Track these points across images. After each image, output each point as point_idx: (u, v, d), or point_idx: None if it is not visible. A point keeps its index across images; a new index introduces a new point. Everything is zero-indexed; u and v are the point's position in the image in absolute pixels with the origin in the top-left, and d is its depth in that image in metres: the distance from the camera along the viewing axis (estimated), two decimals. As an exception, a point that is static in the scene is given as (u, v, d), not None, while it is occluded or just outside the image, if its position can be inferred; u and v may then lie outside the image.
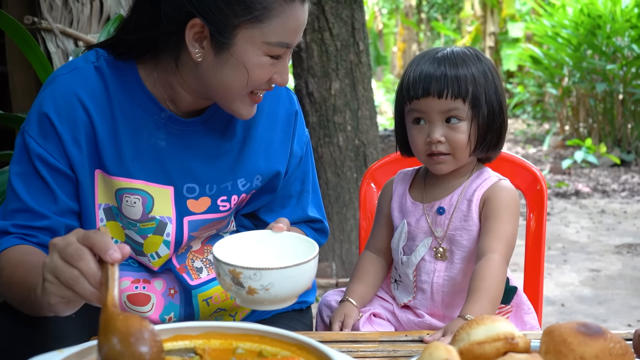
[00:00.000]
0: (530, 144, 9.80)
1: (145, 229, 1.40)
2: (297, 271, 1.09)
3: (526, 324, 1.51)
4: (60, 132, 1.32)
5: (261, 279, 1.07)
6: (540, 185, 1.75)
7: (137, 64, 1.38)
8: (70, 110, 1.33)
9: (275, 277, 1.08)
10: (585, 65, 8.31)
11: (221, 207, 1.44)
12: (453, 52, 1.45)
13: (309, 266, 1.11)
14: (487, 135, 1.45)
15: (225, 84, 1.31)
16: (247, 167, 1.45)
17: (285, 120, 1.50)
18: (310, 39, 3.65)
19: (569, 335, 0.93)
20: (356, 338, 1.28)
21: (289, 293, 1.11)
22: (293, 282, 1.10)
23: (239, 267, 1.07)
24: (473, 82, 1.42)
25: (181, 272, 1.46)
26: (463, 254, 1.46)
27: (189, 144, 1.41)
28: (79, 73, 1.36)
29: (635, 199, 6.44)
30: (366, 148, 3.75)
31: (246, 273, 1.07)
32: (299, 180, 1.57)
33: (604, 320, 3.57)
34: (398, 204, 1.55)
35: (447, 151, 1.43)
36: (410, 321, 1.49)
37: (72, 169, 1.35)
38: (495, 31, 12.79)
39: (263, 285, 1.07)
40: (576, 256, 4.72)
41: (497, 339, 0.96)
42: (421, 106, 1.43)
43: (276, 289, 1.08)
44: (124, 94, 1.37)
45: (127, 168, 1.37)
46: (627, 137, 8.18)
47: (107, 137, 1.36)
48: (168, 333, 1.00)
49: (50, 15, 3.00)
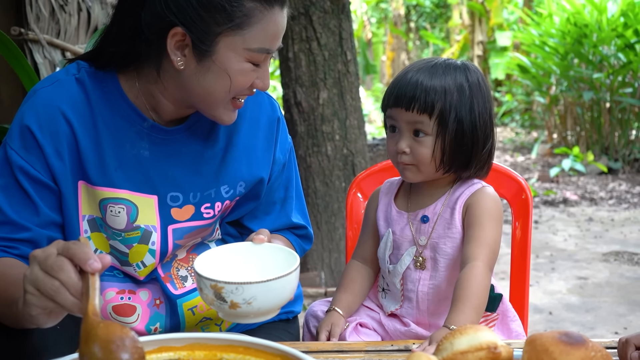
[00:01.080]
0: (518, 152, 9.85)
1: (130, 239, 1.40)
2: (279, 284, 1.10)
3: (512, 331, 1.51)
4: (42, 144, 1.32)
5: (243, 293, 1.08)
6: (526, 195, 1.76)
7: (118, 75, 1.38)
8: (52, 122, 1.33)
9: (257, 291, 1.08)
10: (572, 74, 8.38)
11: (205, 214, 1.45)
12: (436, 64, 1.44)
13: (290, 278, 1.12)
14: (455, 153, 1.42)
15: (207, 91, 1.31)
16: (230, 174, 1.46)
17: (267, 127, 1.51)
18: (298, 49, 3.66)
19: (550, 344, 0.94)
20: (342, 348, 1.29)
21: (271, 306, 1.12)
22: (275, 295, 1.11)
23: (220, 282, 1.08)
24: (443, 97, 1.40)
25: (165, 282, 1.46)
26: (447, 261, 1.47)
27: (172, 152, 1.41)
28: (60, 85, 1.36)
29: (622, 207, 6.48)
30: (354, 157, 3.76)
31: (228, 288, 1.08)
32: (283, 187, 1.57)
33: (592, 327, 3.58)
34: (383, 213, 1.55)
35: (411, 162, 1.44)
36: (396, 330, 1.50)
37: (55, 181, 1.35)
38: (483, 40, 12.87)
39: (245, 299, 1.08)
40: (564, 264, 4.74)
41: (480, 348, 0.97)
42: (393, 114, 1.44)
43: (258, 302, 1.09)
44: (106, 105, 1.37)
45: (110, 178, 1.37)
46: (615, 145, 8.24)
47: (89, 147, 1.36)
48: (152, 345, 1.00)
49: (37, 26, 2.99)
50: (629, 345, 1.11)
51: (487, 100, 1.46)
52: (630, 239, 5.32)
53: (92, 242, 1.41)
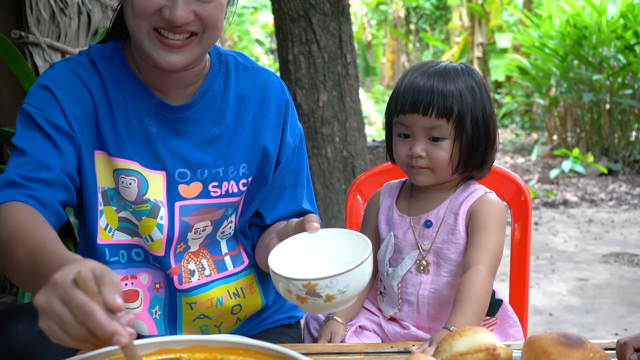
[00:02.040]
0: (518, 153, 9.85)
1: (139, 211, 1.42)
2: (364, 266, 1.12)
3: (510, 336, 1.51)
4: (62, 103, 1.36)
5: (337, 284, 1.10)
6: (525, 196, 1.77)
7: (125, 52, 1.43)
8: (73, 87, 1.38)
9: (350, 279, 1.11)
10: (572, 75, 8.39)
11: (212, 192, 1.46)
12: (445, 68, 1.46)
13: (370, 260, 1.14)
14: (471, 155, 1.45)
15: (129, 25, 1.33)
16: (237, 154, 1.48)
17: (276, 109, 1.52)
18: (297, 51, 3.67)
19: (549, 345, 0.95)
20: (342, 350, 1.29)
21: (360, 288, 1.15)
22: (364, 277, 1.14)
23: (314, 279, 1.10)
24: (459, 100, 1.42)
25: (173, 274, 1.47)
26: (450, 267, 1.47)
27: (179, 130, 1.44)
28: (77, 62, 1.42)
29: (622, 208, 6.48)
30: (354, 159, 3.77)
31: (323, 283, 1.10)
32: (293, 172, 1.58)
33: (592, 329, 3.58)
34: (385, 216, 1.56)
35: (427, 165, 1.45)
36: (396, 333, 1.50)
37: (78, 140, 1.37)
38: (483, 42, 12.88)
39: (340, 290, 1.11)
40: (564, 265, 4.75)
41: (479, 349, 0.97)
42: (406, 121, 1.44)
43: (352, 288, 1.12)
44: (115, 82, 1.41)
45: (124, 149, 1.40)
46: (614, 146, 8.25)
47: (106, 119, 1.40)
48: (153, 347, 1.01)
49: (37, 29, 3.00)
50: (628, 347, 1.11)
51: (491, 100, 1.49)
52: (631, 240, 5.32)
53: (104, 215, 1.43)
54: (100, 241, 1.44)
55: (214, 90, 1.46)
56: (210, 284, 1.50)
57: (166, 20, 1.29)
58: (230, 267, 1.54)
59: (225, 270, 1.53)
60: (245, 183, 1.50)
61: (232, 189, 1.48)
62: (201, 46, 1.34)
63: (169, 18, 1.28)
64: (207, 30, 1.32)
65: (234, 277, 1.54)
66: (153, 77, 1.41)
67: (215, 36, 1.35)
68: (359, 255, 1.14)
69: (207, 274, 1.50)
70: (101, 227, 1.44)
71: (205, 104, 1.45)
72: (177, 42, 1.32)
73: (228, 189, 1.48)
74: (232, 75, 1.49)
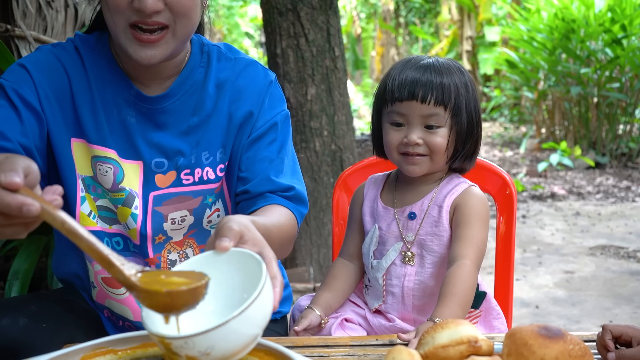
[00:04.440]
0: (507, 147, 9.89)
1: (116, 199, 1.43)
2: (235, 324, 0.89)
3: (495, 328, 1.53)
4: (37, 82, 1.37)
5: (196, 346, 0.89)
6: (510, 190, 1.78)
7: (110, 42, 1.44)
8: (51, 70, 1.39)
9: (212, 340, 0.89)
10: (560, 69, 8.42)
11: (184, 180, 1.46)
12: (438, 62, 1.49)
13: (251, 311, 0.90)
14: (465, 144, 1.48)
15: (107, 21, 1.34)
16: (211, 139, 1.47)
17: (256, 93, 1.50)
18: (286, 45, 3.66)
19: (530, 337, 0.96)
20: (327, 343, 1.30)
21: (237, 346, 0.92)
22: (236, 337, 0.91)
23: (167, 337, 0.90)
24: (456, 91, 1.45)
25: (151, 264, 1.48)
26: (434, 258, 1.48)
27: (159, 122, 1.44)
28: (62, 47, 1.44)
29: (609, 201, 6.53)
30: (343, 153, 3.77)
31: (176, 343, 0.89)
32: (275, 149, 1.52)
33: (577, 321, 3.62)
34: (369, 208, 1.57)
35: (425, 153, 1.46)
36: (381, 325, 1.51)
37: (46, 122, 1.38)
38: (472, 35, 12.90)
39: (201, 352, 0.89)
40: (551, 258, 4.78)
41: (460, 342, 0.98)
42: (403, 109, 1.45)
43: (218, 350, 0.90)
44: (98, 71, 1.42)
45: (103, 137, 1.41)
46: (602, 139, 8.30)
47: (86, 106, 1.40)
48: (137, 341, 1.01)
49: (23, 22, 2.98)
50: (606, 332, 1.15)
51: (477, 96, 1.53)
52: (617, 233, 5.36)
53: (87, 202, 1.44)
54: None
55: (193, 80, 1.46)
56: None
57: (137, 10, 1.29)
58: None
59: None
60: (223, 168, 1.49)
61: (207, 175, 1.47)
62: (175, 38, 1.34)
63: (139, 7, 1.28)
64: (179, 20, 1.32)
65: None
66: (133, 69, 1.42)
67: (189, 26, 1.35)
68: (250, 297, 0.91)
69: None
70: (83, 213, 1.44)
71: (184, 94, 1.45)
72: (151, 37, 1.32)
73: (202, 176, 1.47)
74: (213, 65, 1.48)
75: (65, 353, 0.96)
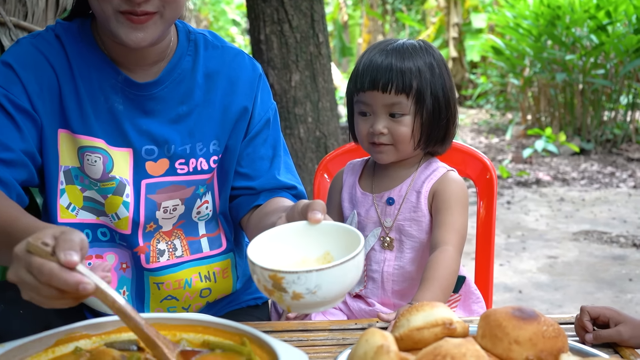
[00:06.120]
0: (493, 133, 9.91)
1: (105, 189, 1.42)
2: (343, 269, 0.98)
3: (474, 312, 1.54)
4: (24, 80, 1.36)
5: (306, 283, 0.96)
6: (490, 174, 1.79)
7: (92, 29, 1.42)
8: (36, 64, 1.38)
9: (321, 279, 0.97)
10: (545, 55, 8.43)
11: (179, 169, 1.46)
12: (403, 45, 1.47)
13: (355, 262, 1.00)
14: (433, 130, 1.47)
15: (93, 8, 1.33)
16: (205, 131, 1.48)
17: (247, 85, 1.52)
18: (269, 31, 3.65)
19: (504, 319, 0.96)
20: (307, 327, 1.30)
21: (337, 293, 1.00)
22: (340, 281, 0.99)
23: (280, 271, 0.96)
24: (418, 76, 1.43)
25: (140, 253, 1.47)
26: (413, 244, 1.49)
27: (146, 108, 1.43)
28: (42, 37, 1.41)
29: (593, 187, 6.57)
30: (327, 139, 3.77)
31: (289, 278, 0.96)
32: (270, 145, 1.56)
33: (560, 305, 3.65)
34: (348, 194, 1.57)
35: (389, 142, 1.46)
36: (361, 310, 1.52)
37: (40, 119, 1.37)
38: (458, 22, 12.89)
39: (309, 289, 0.97)
40: (535, 243, 4.81)
41: (435, 324, 0.99)
42: (367, 98, 1.45)
43: (323, 291, 0.98)
44: (82, 58, 1.41)
45: (90, 126, 1.40)
46: (587, 126, 8.34)
47: (71, 96, 1.39)
48: (112, 325, 1.01)
49: (3, 8, 2.94)
50: (584, 313, 1.19)
51: (450, 75, 1.50)
52: (600, 219, 5.40)
53: (66, 194, 1.43)
54: (60, 219, 1.43)
55: (182, 68, 1.46)
56: (180, 265, 1.50)
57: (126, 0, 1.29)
58: (206, 250, 1.53)
59: (199, 252, 1.53)
60: (216, 160, 1.50)
61: (200, 166, 1.48)
62: (163, 20, 1.33)
63: None
64: (168, 6, 1.32)
65: (208, 260, 1.54)
66: (119, 55, 1.41)
67: (177, 10, 1.35)
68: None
69: (179, 255, 1.50)
70: (62, 205, 1.43)
71: (173, 82, 1.45)
72: (141, 18, 1.31)
73: (196, 166, 1.48)
74: (200, 54, 1.49)
75: (39, 338, 0.96)
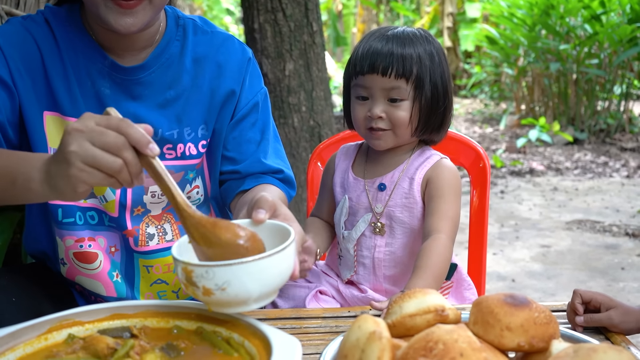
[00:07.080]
0: (487, 123, 9.92)
1: None
2: (257, 266, 0.94)
3: (466, 299, 1.55)
4: (8, 56, 1.35)
5: (214, 278, 0.93)
6: (483, 163, 1.79)
7: (81, 13, 1.42)
8: (23, 44, 1.37)
9: (231, 275, 0.92)
10: (539, 45, 8.43)
11: (167, 154, 1.46)
12: (403, 32, 1.47)
13: (273, 260, 0.95)
14: (430, 117, 1.47)
15: None
16: (193, 116, 1.47)
17: (236, 69, 1.52)
18: (263, 20, 3.63)
19: (495, 306, 0.97)
20: (300, 315, 1.31)
21: (252, 292, 0.95)
22: (255, 279, 0.94)
23: (190, 264, 0.94)
24: (418, 62, 1.43)
25: (128, 236, 1.47)
26: (404, 229, 1.49)
27: (134, 93, 1.43)
28: (32, 19, 1.41)
29: (587, 177, 6.59)
30: (321, 129, 3.76)
31: (197, 271, 0.93)
32: (259, 130, 1.56)
33: (552, 294, 3.66)
34: (340, 179, 1.57)
35: (387, 127, 1.46)
36: (354, 296, 1.52)
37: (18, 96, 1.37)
38: (453, 12, 12.86)
39: (217, 285, 0.93)
40: (528, 233, 4.82)
41: (427, 311, 0.99)
42: (365, 82, 1.45)
43: (234, 288, 0.93)
44: (70, 42, 1.40)
45: (79, 109, 1.39)
46: (581, 116, 8.35)
47: (59, 79, 1.39)
48: (105, 312, 1.01)
49: (-6, -5, 2.92)
50: (576, 296, 1.21)
51: (448, 65, 1.50)
52: (593, 208, 5.42)
53: None
54: (51, 201, 1.43)
55: (170, 53, 1.46)
56: (170, 249, 1.50)
57: None
58: None
59: None
60: (205, 145, 1.50)
61: (189, 151, 1.48)
62: (152, 5, 1.33)
63: None
64: None
65: None
66: (107, 40, 1.41)
67: None
68: None
69: (169, 239, 1.50)
70: None
71: (161, 66, 1.45)
72: (130, 3, 1.30)
73: (185, 151, 1.47)
74: (189, 39, 1.48)
75: (31, 325, 0.96)
